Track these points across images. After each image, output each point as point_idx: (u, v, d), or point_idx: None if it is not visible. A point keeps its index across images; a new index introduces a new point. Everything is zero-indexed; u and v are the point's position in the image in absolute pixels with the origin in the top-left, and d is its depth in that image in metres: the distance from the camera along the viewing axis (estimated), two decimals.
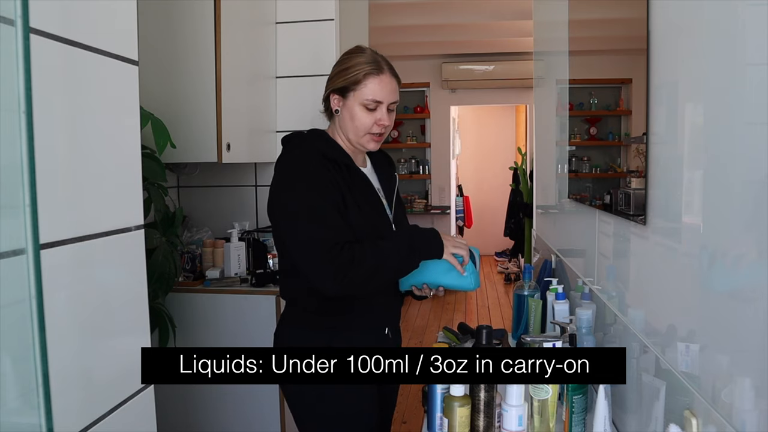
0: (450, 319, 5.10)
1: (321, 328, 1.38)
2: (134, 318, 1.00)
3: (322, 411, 1.38)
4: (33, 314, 0.71)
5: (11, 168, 0.69)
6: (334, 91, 1.39)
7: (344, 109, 1.38)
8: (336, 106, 1.40)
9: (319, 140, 1.40)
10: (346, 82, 1.36)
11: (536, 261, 2.62)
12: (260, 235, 2.55)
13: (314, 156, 1.34)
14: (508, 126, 8.21)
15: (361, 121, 1.36)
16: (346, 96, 1.37)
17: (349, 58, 1.40)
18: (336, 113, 1.41)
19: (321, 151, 1.36)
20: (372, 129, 1.37)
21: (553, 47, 2.17)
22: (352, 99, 1.37)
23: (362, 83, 1.35)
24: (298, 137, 1.43)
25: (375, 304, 1.42)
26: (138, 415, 0.98)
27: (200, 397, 2.26)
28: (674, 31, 0.98)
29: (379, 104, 1.36)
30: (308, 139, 1.42)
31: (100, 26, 0.89)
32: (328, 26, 2.57)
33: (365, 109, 1.36)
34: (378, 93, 1.36)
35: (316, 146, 1.37)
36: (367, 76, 1.35)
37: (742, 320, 0.73)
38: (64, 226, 0.81)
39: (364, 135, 1.38)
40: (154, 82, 2.10)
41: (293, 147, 1.39)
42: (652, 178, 1.05)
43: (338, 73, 1.39)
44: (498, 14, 4.58)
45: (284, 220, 1.33)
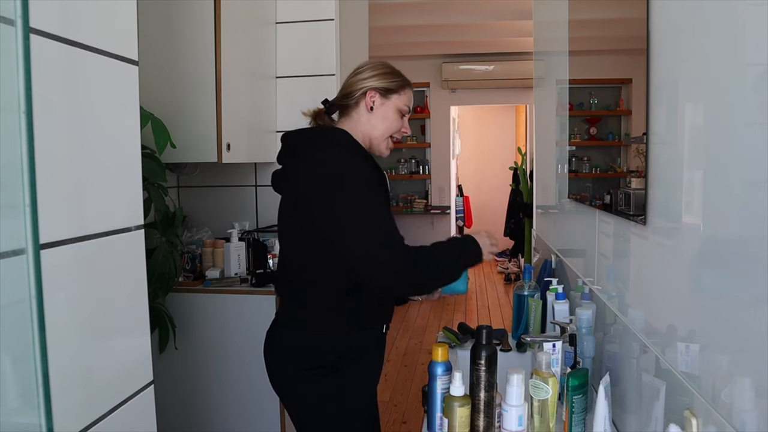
0: (450, 319, 5.10)
1: (326, 330, 1.38)
2: (134, 318, 1.00)
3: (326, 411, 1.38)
4: (33, 314, 0.71)
5: (11, 168, 0.69)
6: (376, 89, 1.42)
7: (381, 108, 1.43)
8: (372, 104, 1.42)
9: (353, 140, 1.41)
10: (393, 84, 1.43)
11: (536, 261, 2.62)
12: (260, 235, 2.55)
13: (358, 155, 1.37)
14: (508, 126, 8.21)
15: (393, 123, 1.44)
16: (387, 97, 1.43)
17: (389, 65, 1.47)
18: (370, 110, 1.42)
19: (359, 150, 1.39)
20: (396, 134, 1.47)
21: (553, 47, 2.17)
22: (393, 101, 1.44)
23: (404, 90, 1.45)
24: (318, 133, 1.42)
25: (381, 304, 1.44)
26: (138, 415, 0.98)
27: (200, 397, 2.26)
28: (674, 31, 0.98)
29: (407, 114, 1.48)
30: (343, 137, 1.40)
31: (100, 26, 0.89)
32: (328, 26, 2.57)
33: (399, 115, 1.45)
34: (411, 102, 1.49)
35: (355, 145, 1.40)
36: (406, 86, 1.46)
37: (742, 320, 0.73)
38: (64, 226, 0.81)
39: (386, 138, 1.45)
40: (154, 82, 2.10)
41: (330, 145, 1.38)
42: (652, 178, 1.05)
43: (385, 74, 1.44)
44: (498, 14, 4.58)
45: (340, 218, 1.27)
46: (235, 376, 2.22)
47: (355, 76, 1.45)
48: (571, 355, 1.29)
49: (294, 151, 1.42)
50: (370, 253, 1.24)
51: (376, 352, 1.49)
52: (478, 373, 1.15)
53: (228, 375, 2.23)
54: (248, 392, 2.22)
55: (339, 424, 1.39)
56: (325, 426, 1.40)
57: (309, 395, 1.38)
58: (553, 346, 1.27)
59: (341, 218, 1.27)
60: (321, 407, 1.38)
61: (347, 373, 1.39)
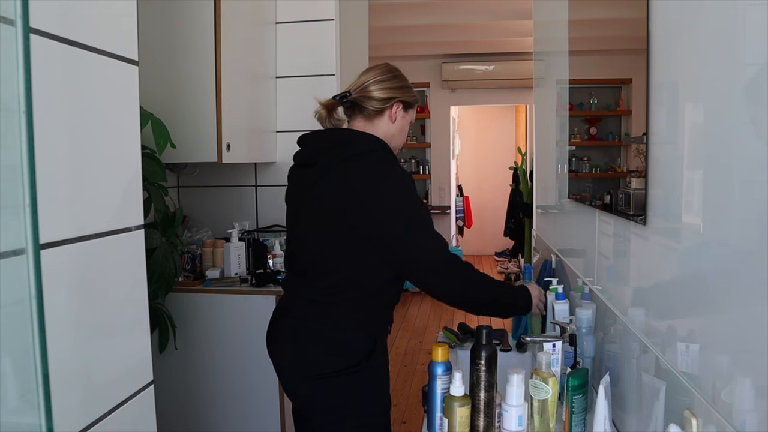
0: (450, 320, 5.10)
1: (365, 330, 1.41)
2: (134, 318, 1.00)
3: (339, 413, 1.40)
4: (33, 314, 0.71)
5: (11, 168, 0.69)
6: (402, 102, 1.46)
7: (401, 122, 1.48)
8: (396, 116, 1.46)
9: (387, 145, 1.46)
10: (412, 99, 1.49)
11: (536, 261, 2.62)
12: (260, 235, 2.55)
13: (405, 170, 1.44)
14: (508, 126, 8.21)
15: (404, 136, 1.52)
16: (407, 111, 1.48)
17: (404, 78, 1.49)
18: (393, 121, 1.46)
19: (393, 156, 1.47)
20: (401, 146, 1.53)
21: (553, 47, 2.17)
22: (410, 115, 1.50)
23: (416, 105, 1.52)
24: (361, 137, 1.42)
25: (387, 309, 1.48)
26: (138, 415, 0.98)
27: (200, 397, 2.26)
28: (674, 31, 0.98)
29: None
30: (378, 143, 1.43)
31: (100, 26, 0.89)
32: (328, 26, 2.57)
33: (409, 128, 1.52)
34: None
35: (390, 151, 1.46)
36: (418, 102, 1.52)
37: (742, 320, 0.73)
38: (64, 226, 0.81)
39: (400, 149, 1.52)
40: (154, 82, 2.10)
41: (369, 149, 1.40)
42: (652, 178, 1.05)
43: (407, 87, 1.48)
44: (498, 14, 4.58)
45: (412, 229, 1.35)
46: (235, 376, 2.22)
47: (382, 83, 1.43)
48: (571, 355, 1.29)
49: (324, 152, 1.40)
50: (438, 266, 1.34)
51: (384, 353, 1.52)
52: (478, 373, 1.15)
53: (228, 375, 2.23)
54: (248, 392, 2.22)
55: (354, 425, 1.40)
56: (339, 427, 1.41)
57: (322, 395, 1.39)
58: (553, 346, 1.27)
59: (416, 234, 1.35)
60: (334, 409, 1.39)
61: (366, 374, 1.40)
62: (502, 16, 4.60)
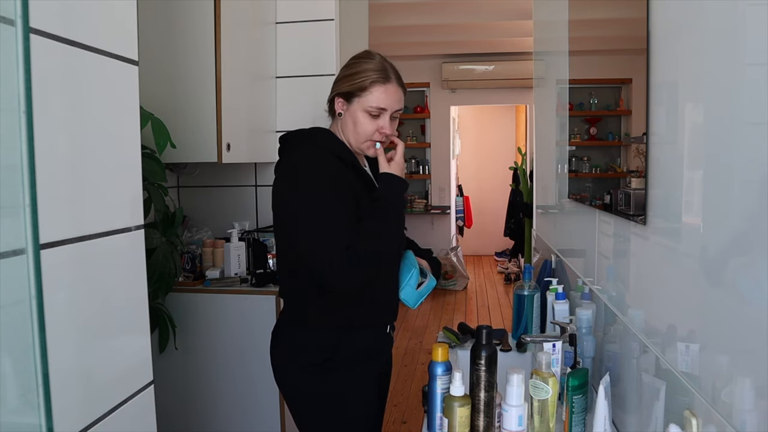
0: (450, 320, 5.10)
1: (325, 327, 1.38)
2: (134, 318, 1.00)
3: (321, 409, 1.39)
4: (33, 314, 0.71)
5: (11, 168, 0.69)
6: (339, 94, 1.39)
7: (347, 114, 1.38)
8: (340, 110, 1.40)
9: (328, 139, 1.39)
10: (352, 87, 1.36)
11: (536, 261, 2.62)
12: (260, 235, 2.55)
13: (327, 154, 1.34)
14: (508, 126, 8.21)
15: (363, 127, 1.37)
16: (350, 101, 1.37)
17: (357, 63, 1.39)
18: (339, 116, 1.41)
19: (331, 150, 1.36)
20: (373, 136, 1.38)
21: (553, 47, 2.17)
22: (356, 105, 1.37)
23: (368, 90, 1.35)
24: (301, 134, 1.42)
25: (377, 303, 1.42)
26: (138, 415, 0.98)
27: (200, 397, 2.26)
28: (674, 31, 0.98)
29: (383, 111, 1.37)
30: (316, 136, 1.40)
31: (100, 26, 0.89)
32: (328, 26, 2.57)
33: (368, 116, 1.36)
34: (382, 101, 1.36)
35: (327, 145, 1.37)
36: (373, 84, 1.35)
37: (742, 320, 0.73)
38: (64, 226, 0.81)
39: (365, 141, 1.39)
40: (154, 82, 2.10)
41: (300, 143, 1.38)
42: (652, 178, 1.05)
43: (345, 77, 1.39)
44: (498, 14, 4.58)
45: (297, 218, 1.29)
46: (235, 376, 2.22)
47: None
48: (571, 355, 1.29)
49: (280, 152, 1.45)
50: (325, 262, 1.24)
51: (377, 352, 1.48)
52: (478, 373, 1.15)
53: (228, 375, 2.23)
54: (248, 392, 2.21)
55: (333, 423, 1.39)
56: (320, 425, 1.41)
57: (305, 392, 1.40)
58: (553, 346, 1.27)
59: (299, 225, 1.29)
60: (316, 405, 1.39)
61: (344, 373, 1.38)
62: (502, 16, 4.60)
